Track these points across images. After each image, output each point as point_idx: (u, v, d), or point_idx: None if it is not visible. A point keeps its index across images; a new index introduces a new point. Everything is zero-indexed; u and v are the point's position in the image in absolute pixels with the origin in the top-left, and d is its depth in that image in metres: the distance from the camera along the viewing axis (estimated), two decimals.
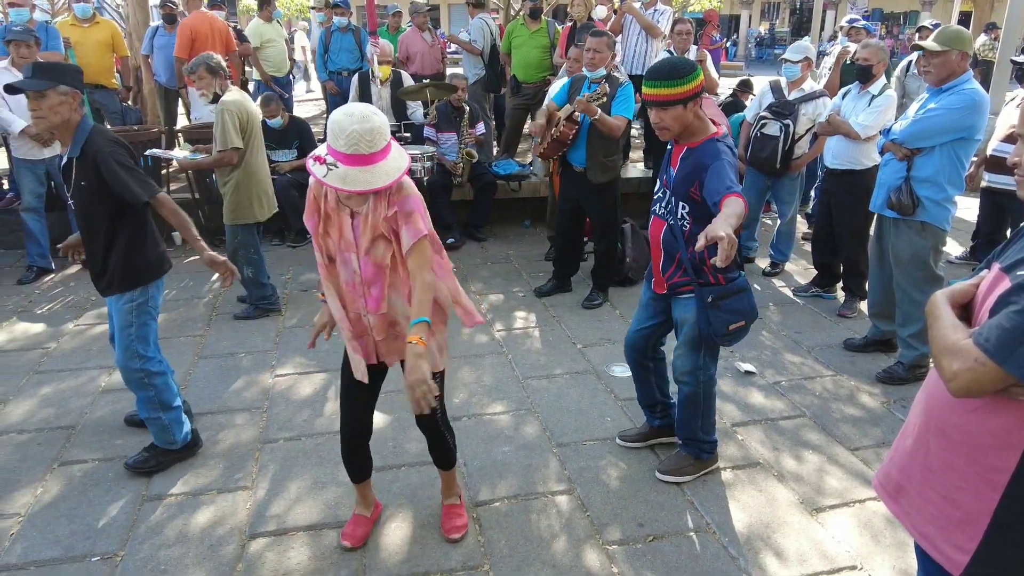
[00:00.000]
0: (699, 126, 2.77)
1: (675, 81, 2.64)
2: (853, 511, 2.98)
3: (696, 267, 2.82)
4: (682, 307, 2.94)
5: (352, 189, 2.16)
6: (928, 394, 1.58)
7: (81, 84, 2.91)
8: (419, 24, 8.27)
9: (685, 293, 2.90)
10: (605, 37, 4.54)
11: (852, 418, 3.67)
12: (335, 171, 2.15)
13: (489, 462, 3.27)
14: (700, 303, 2.82)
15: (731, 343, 2.94)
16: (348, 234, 2.35)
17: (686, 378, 3.01)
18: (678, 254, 2.85)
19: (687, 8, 22.00)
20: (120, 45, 7.15)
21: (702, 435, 3.12)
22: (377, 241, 2.33)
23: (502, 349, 4.39)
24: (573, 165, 4.78)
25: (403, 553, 2.72)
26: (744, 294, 2.88)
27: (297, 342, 4.45)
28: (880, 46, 4.52)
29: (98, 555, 2.70)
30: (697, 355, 2.96)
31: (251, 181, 4.52)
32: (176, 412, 3.18)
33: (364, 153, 2.15)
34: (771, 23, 36.24)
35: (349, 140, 2.12)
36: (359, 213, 2.33)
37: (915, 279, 3.86)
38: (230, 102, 4.33)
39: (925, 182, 3.70)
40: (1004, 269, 1.44)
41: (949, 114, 3.56)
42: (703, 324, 2.84)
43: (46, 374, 4.03)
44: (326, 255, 2.43)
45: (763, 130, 5.23)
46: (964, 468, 1.46)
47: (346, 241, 2.36)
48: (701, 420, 3.09)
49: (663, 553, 2.73)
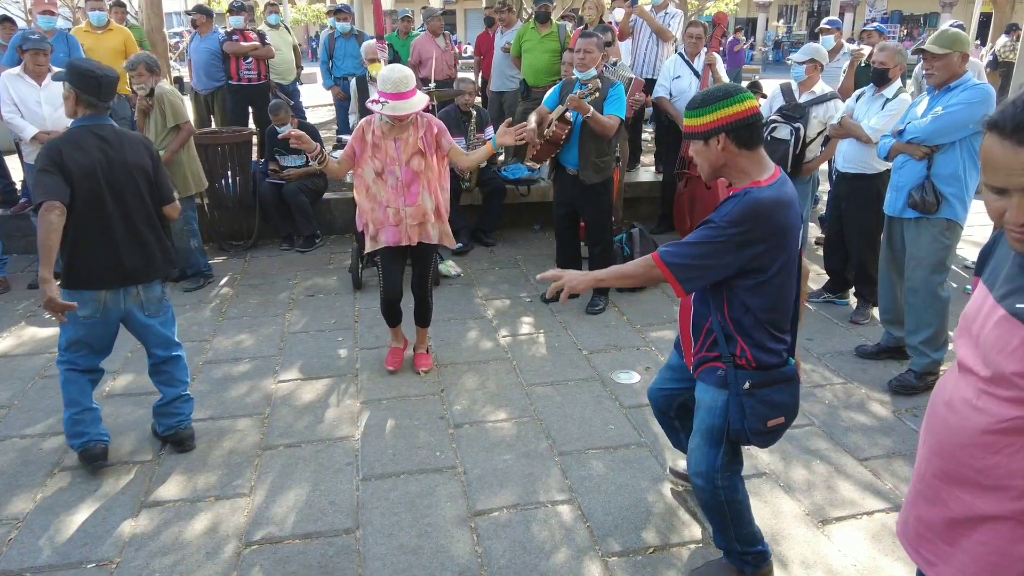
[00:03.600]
0: (738, 168, 2.20)
1: (702, 109, 2.17)
2: (861, 523, 2.91)
3: (726, 337, 2.28)
4: (706, 386, 2.37)
5: (400, 113, 3.48)
6: (936, 438, 1.47)
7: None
8: (433, 29, 8.26)
9: (711, 366, 2.34)
10: (595, 38, 4.50)
11: (862, 427, 3.59)
12: (387, 105, 3.47)
13: (490, 470, 3.23)
14: (734, 389, 2.28)
15: (765, 444, 2.39)
16: (393, 152, 3.66)
17: (700, 481, 2.41)
18: (707, 321, 2.32)
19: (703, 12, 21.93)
20: (134, 52, 7.19)
21: (738, 547, 2.50)
22: (414, 156, 3.67)
23: (507, 355, 4.35)
24: (566, 168, 4.76)
25: (400, 562, 2.69)
26: (791, 384, 2.32)
27: (302, 347, 4.44)
28: (897, 48, 4.43)
29: (93, 562, 2.69)
30: (716, 452, 2.37)
31: (190, 159, 5.23)
32: (68, 411, 3.15)
33: (402, 91, 3.47)
34: (788, 26, 35.97)
35: (392, 83, 3.45)
36: (400, 138, 3.64)
37: (936, 281, 3.81)
38: (168, 89, 5.09)
39: (948, 178, 3.68)
40: (997, 299, 1.37)
41: (969, 108, 3.56)
42: (735, 416, 2.29)
43: (52, 379, 4.04)
44: (373, 171, 3.68)
45: (773, 134, 5.14)
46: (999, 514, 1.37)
47: (391, 157, 3.66)
48: (734, 530, 2.47)
49: (664, 565, 2.67)
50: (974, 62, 6.80)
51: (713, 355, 2.33)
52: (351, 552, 2.74)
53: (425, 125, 3.68)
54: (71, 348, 3.11)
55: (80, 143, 2.93)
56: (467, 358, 4.31)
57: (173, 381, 3.33)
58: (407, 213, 3.73)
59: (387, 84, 3.46)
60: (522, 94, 7.33)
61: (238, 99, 7.78)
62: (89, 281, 2.99)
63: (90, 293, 3.01)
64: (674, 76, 6.04)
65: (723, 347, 2.28)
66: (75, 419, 3.16)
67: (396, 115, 3.48)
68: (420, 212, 3.75)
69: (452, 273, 5.66)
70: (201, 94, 7.88)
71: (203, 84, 7.80)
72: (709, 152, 2.19)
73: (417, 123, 3.66)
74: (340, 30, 7.97)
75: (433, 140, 3.70)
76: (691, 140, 2.23)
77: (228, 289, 5.43)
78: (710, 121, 2.16)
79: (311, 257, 6.14)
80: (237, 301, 5.18)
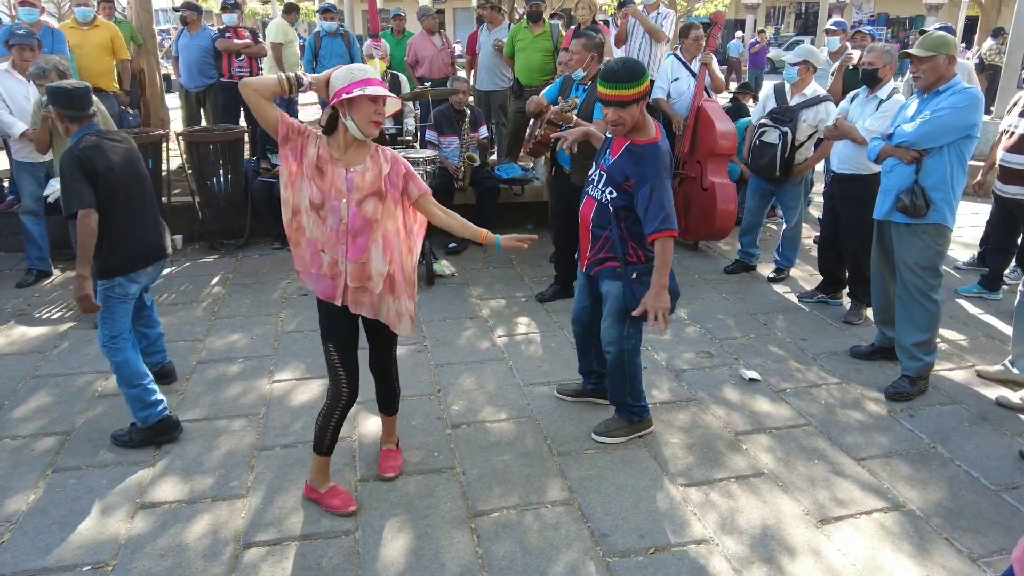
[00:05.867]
0: (644, 125, 3.08)
1: (633, 83, 2.94)
2: (860, 523, 2.91)
3: (623, 242, 3.11)
4: (607, 281, 3.23)
5: (383, 95, 2.54)
6: None
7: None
8: (428, 28, 8.24)
9: (608, 266, 3.19)
10: (584, 39, 4.58)
11: (859, 427, 3.61)
12: (368, 89, 2.51)
13: (489, 471, 3.22)
14: (625, 279, 3.13)
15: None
16: (341, 184, 2.63)
17: (611, 348, 3.29)
18: (605, 232, 3.15)
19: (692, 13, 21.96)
20: (120, 48, 7.13)
21: (631, 400, 3.41)
22: (369, 198, 2.65)
23: (503, 355, 4.33)
24: (562, 167, 4.81)
25: (400, 564, 2.67)
26: None
27: (296, 347, 4.41)
28: (886, 49, 4.44)
29: (88, 565, 2.65)
30: (622, 326, 3.24)
31: None
32: (137, 391, 3.31)
33: (371, 76, 2.56)
34: (776, 27, 36.17)
35: (362, 70, 2.56)
36: (355, 169, 2.64)
37: (928, 285, 3.80)
38: None
39: (936, 182, 3.68)
40: None
41: (957, 112, 3.56)
42: (628, 298, 3.12)
43: (42, 378, 4.00)
44: (309, 199, 2.65)
45: (762, 138, 5.17)
46: None
47: (337, 190, 2.63)
48: (629, 386, 3.37)
49: (664, 566, 2.67)
50: (964, 64, 6.85)
51: (609, 256, 3.17)
52: (350, 553, 2.72)
53: (391, 160, 2.72)
54: (118, 336, 3.30)
55: (99, 147, 3.17)
56: (463, 358, 4.30)
57: (152, 322, 3.78)
58: (347, 269, 2.70)
59: (355, 73, 2.55)
60: (515, 93, 7.32)
61: (229, 97, 7.71)
62: (134, 265, 3.29)
63: (135, 275, 3.30)
64: (672, 78, 6.05)
65: (619, 249, 3.12)
66: (146, 390, 3.33)
67: (380, 96, 2.54)
68: (364, 275, 2.71)
69: (446, 273, 5.64)
70: (192, 92, 7.83)
71: (195, 81, 7.74)
72: (637, 112, 3.01)
73: (378, 156, 2.70)
74: (326, 29, 7.93)
75: (400, 181, 2.71)
76: (627, 106, 2.97)
77: (220, 288, 5.38)
78: (643, 89, 2.97)
79: None
80: (229, 301, 5.14)
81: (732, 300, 5.26)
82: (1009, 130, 4.96)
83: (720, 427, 3.60)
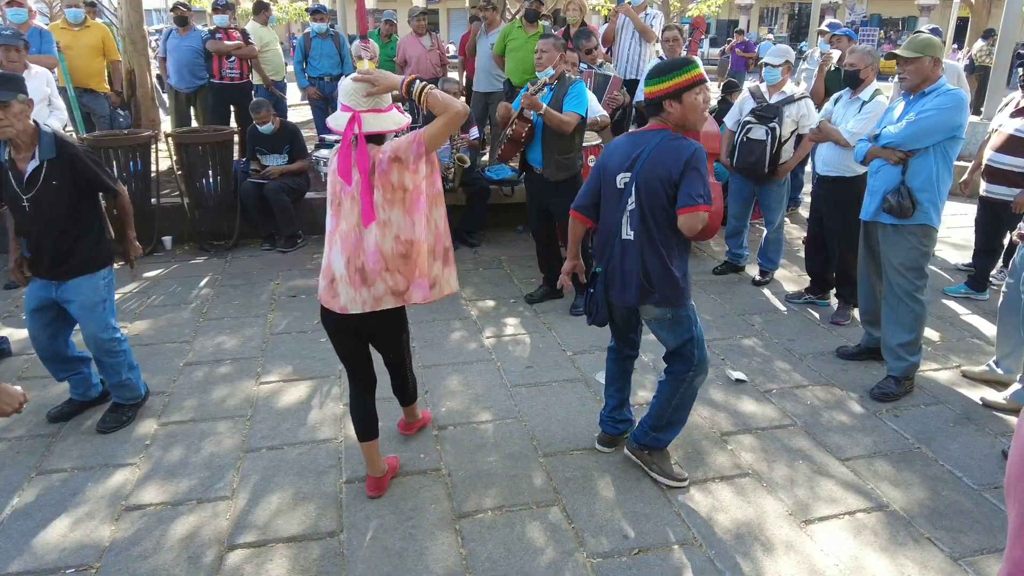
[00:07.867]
0: None
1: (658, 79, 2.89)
2: (843, 523, 2.93)
3: None
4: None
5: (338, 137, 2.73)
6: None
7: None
8: (417, 29, 8.24)
9: None
10: (552, 38, 4.69)
11: (843, 427, 3.62)
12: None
13: (474, 472, 3.22)
14: None
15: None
16: None
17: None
18: None
19: (686, 13, 22.02)
20: (111, 49, 7.12)
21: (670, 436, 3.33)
22: None
23: (491, 356, 4.34)
24: (533, 167, 4.84)
25: (385, 564, 2.67)
26: None
27: (284, 348, 4.40)
28: (867, 50, 4.46)
29: (72, 567, 2.65)
30: None
31: None
32: (137, 370, 3.61)
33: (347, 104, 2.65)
34: (769, 28, 36.27)
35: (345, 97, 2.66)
36: None
37: (914, 286, 3.82)
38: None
39: (922, 183, 3.70)
40: None
41: (942, 114, 3.59)
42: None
43: (29, 380, 3.98)
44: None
45: (749, 135, 5.16)
46: None
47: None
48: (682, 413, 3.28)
49: (648, 566, 2.68)
50: (953, 65, 6.88)
51: None
52: (335, 555, 2.72)
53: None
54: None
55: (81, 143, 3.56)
56: (451, 359, 4.30)
57: None
58: None
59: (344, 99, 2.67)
60: (506, 94, 7.32)
61: (220, 98, 7.72)
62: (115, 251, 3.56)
63: None
64: None
65: None
66: (139, 375, 3.64)
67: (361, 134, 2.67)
68: None
69: None
70: (182, 92, 7.81)
71: (185, 82, 7.72)
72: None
73: None
74: (315, 30, 7.94)
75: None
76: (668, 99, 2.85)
77: (209, 290, 5.37)
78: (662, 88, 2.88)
79: (293, 257, 6.09)
80: (218, 302, 5.13)
81: (720, 301, 5.27)
82: (997, 130, 4.99)
83: (705, 427, 3.61)
